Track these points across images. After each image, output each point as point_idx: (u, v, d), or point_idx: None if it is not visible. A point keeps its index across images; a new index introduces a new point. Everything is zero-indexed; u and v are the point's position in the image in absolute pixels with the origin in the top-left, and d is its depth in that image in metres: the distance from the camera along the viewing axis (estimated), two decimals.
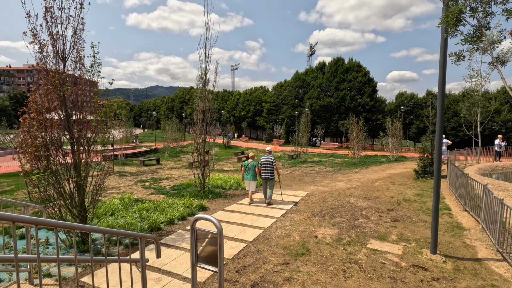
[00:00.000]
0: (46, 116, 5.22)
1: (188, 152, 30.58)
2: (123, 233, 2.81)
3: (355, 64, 42.94)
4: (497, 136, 16.54)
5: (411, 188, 10.11)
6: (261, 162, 8.53)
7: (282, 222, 6.77)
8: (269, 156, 8.54)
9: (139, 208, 7.92)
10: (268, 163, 8.42)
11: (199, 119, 10.24)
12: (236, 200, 9.25)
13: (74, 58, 5.48)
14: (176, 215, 7.15)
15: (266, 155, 8.69)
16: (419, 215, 7.10)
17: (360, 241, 5.55)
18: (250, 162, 8.65)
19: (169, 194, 10.70)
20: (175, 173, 17.66)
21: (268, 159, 8.46)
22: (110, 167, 6.08)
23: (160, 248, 3.14)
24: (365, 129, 19.94)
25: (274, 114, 51.39)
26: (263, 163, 8.47)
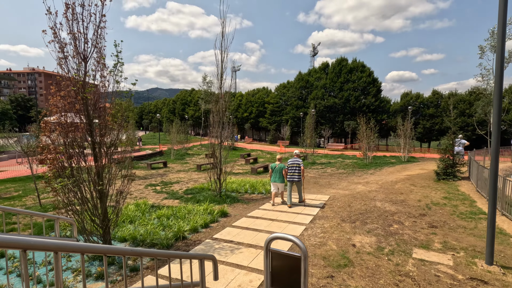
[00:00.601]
0: (67, 119, 4.88)
1: (193, 154, 30.25)
2: (176, 255, 2.46)
3: (359, 64, 42.67)
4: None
5: (435, 190, 9.75)
6: (288, 164, 8.48)
7: (312, 229, 6.41)
8: (297, 159, 8.50)
9: (158, 215, 7.56)
10: (296, 165, 8.37)
11: (215, 121, 9.88)
12: (256, 205, 8.89)
13: (96, 58, 5.14)
14: (200, 222, 6.79)
15: (294, 158, 8.63)
16: (455, 221, 6.74)
17: (403, 250, 5.19)
18: (278, 164, 8.59)
19: (183, 199, 10.35)
20: (184, 176, 17.31)
21: (296, 162, 8.42)
22: (133, 172, 5.74)
23: (217, 268, 2.78)
24: (376, 130, 19.59)
25: (277, 115, 51.06)
26: (290, 166, 8.42)
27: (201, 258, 2.57)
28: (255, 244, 5.52)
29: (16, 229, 7.01)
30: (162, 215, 7.57)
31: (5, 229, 3.27)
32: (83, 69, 5.07)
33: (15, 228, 7.24)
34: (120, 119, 5.47)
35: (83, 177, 5.02)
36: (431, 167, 15.23)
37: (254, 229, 6.38)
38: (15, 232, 6.69)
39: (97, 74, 5.09)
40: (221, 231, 6.31)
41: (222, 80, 9.70)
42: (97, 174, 5.07)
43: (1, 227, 6.86)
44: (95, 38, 5.09)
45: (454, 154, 11.44)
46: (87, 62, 5.07)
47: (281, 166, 8.51)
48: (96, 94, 5.13)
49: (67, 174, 4.66)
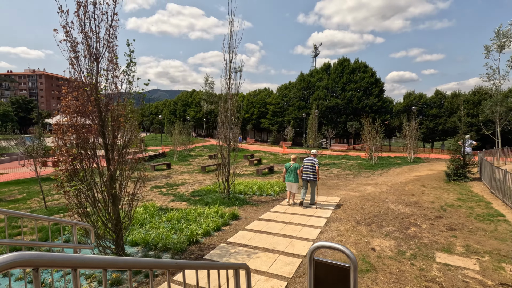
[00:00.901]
0: (79, 121, 4.74)
1: (196, 155, 30.11)
2: (210, 265, 2.31)
3: (361, 65, 42.55)
4: None
5: (447, 192, 9.59)
6: (304, 163, 8.59)
7: (328, 232, 6.26)
8: (312, 158, 8.58)
9: (168, 218, 7.41)
10: (311, 165, 8.46)
11: (224, 122, 9.74)
12: (266, 207, 8.73)
13: (108, 57, 5.01)
14: (212, 226, 6.63)
15: (310, 157, 8.70)
16: (474, 223, 6.58)
17: (425, 254, 5.04)
18: (292, 164, 8.68)
19: (191, 201, 10.19)
20: (188, 178, 17.16)
21: (311, 161, 8.50)
22: (146, 174, 5.59)
23: (251, 279, 2.62)
24: (382, 130, 19.44)
25: (279, 116, 50.95)
26: (306, 164, 8.52)
27: (236, 268, 2.41)
28: (271, 248, 5.37)
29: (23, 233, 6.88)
30: (172, 218, 7.43)
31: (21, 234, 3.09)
32: (95, 69, 4.93)
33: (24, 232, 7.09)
34: (133, 120, 5.34)
35: (95, 180, 4.88)
36: (439, 168, 15.07)
37: (268, 233, 6.23)
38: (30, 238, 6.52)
39: (110, 74, 4.95)
40: (234, 235, 6.16)
41: (230, 81, 9.56)
42: (110, 177, 4.92)
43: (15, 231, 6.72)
44: (107, 37, 4.96)
45: (465, 154, 11.28)
46: (99, 62, 4.93)
47: (296, 165, 8.58)
48: (108, 94, 5.00)
49: (80, 177, 4.52)
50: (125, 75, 5.04)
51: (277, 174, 17.41)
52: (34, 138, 14.43)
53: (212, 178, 16.57)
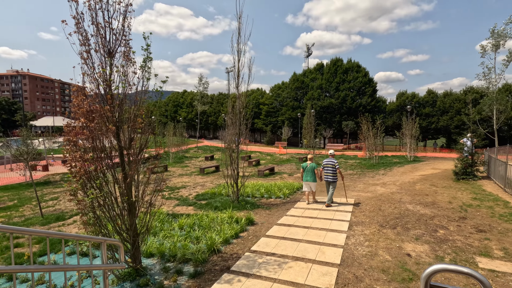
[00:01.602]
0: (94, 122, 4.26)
1: (191, 157, 29.48)
2: None
3: (354, 65, 42.81)
4: None
5: (461, 191, 9.47)
6: (323, 164, 8.66)
7: (354, 237, 5.95)
8: (332, 159, 8.60)
9: (179, 225, 6.96)
10: (330, 166, 8.49)
11: (233, 122, 9.33)
12: (279, 210, 8.38)
13: (123, 51, 4.54)
14: (230, 233, 6.22)
15: (329, 158, 8.70)
16: (500, 224, 6.41)
17: (465, 259, 4.79)
18: (309, 164, 8.71)
19: (197, 205, 9.74)
20: (188, 180, 16.64)
21: (330, 162, 8.54)
22: (163, 180, 5.15)
23: None
24: (382, 129, 19.41)
25: (273, 116, 50.71)
26: (325, 166, 8.58)
27: None
28: (301, 257, 5.01)
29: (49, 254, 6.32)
30: (184, 225, 6.98)
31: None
32: (109, 64, 4.46)
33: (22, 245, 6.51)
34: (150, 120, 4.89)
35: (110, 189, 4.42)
36: (443, 167, 15.09)
37: (292, 239, 5.87)
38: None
39: (126, 69, 4.49)
40: (257, 242, 5.77)
41: (239, 79, 9.16)
42: (126, 184, 4.47)
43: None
44: (121, 29, 4.50)
45: (473, 153, 11.23)
46: (113, 56, 4.47)
47: (313, 165, 8.63)
48: (123, 93, 4.54)
49: (98, 185, 4.04)
50: (143, 71, 4.58)
51: (279, 175, 17.09)
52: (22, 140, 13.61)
53: (213, 180, 16.10)
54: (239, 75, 9.14)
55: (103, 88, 4.31)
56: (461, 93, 35.36)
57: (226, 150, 9.74)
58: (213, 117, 63.92)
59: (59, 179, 17.49)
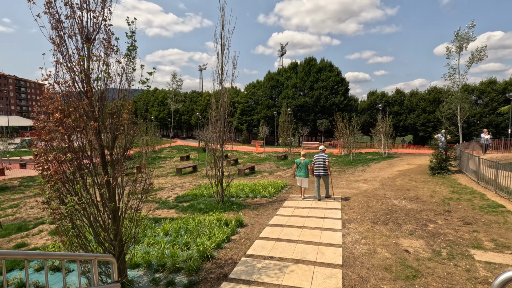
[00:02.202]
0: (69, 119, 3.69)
1: (165, 157, 28.37)
2: None
3: (327, 64, 43.79)
4: (483, 130, 17.42)
5: (439, 185, 9.85)
6: (315, 159, 8.86)
7: (350, 235, 5.85)
8: (322, 155, 8.86)
9: (164, 230, 6.44)
10: (321, 161, 8.73)
11: (218, 119, 8.91)
12: (268, 210, 8.13)
13: (104, 38, 4.00)
14: (221, 236, 5.84)
15: (320, 153, 8.95)
16: (482, 216, 6.67)
17: (460, 253, 4.85)
18: (303, 160, 8.92)
19: (179, 208, 9.21)
20: (165, 181, 15.89)
21: (321, 157, 8.78)
22: (150, 183, 4.66)
23: None
24: (359, 127, 19.92)
25: (248, 115, 50.46)
26: (316, 161, 8.78)
27: None
28: (301, 259, 4.78)
29: None
30: (170, 230, 6.48)
31: None
32: (87, 52, 3.90)
33: None
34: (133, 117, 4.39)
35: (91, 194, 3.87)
36: (417, 162, 15.76)
37: (288, 240, 5.63)
38: None
39: (107, 58, 3.95)
40: (252, 246, 5.46)
41: (223, 74, 8.75)
42: (112, 189, 3.94)
43: None
44: (101, 11, 3.95)
45: (447, 148, 11.78)
46: (92, 43, 3.90)
47: (306, 161, 8.87)
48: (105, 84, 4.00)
49: (77, 190, 3.49)
50: (128, 60, 4.06)
51: (259, 174, 16.88)
52: None
53: (192, 181, 15.49)
54: (223, 70, 8.73)
55: (80, 79, 3.75)
56: (425, 92, 37.55)
57: (210, 150, 9.28)
58: (186, 115, 62.32)
59: (18, 184, 15.87)
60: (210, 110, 9.23)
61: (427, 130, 35.61)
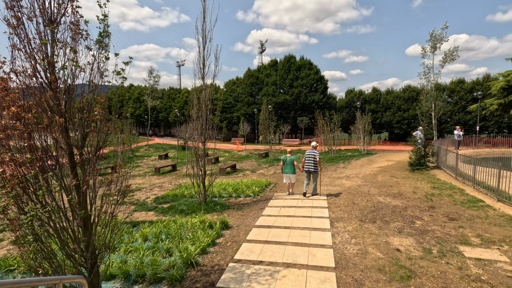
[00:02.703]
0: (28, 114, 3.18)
1: (142, 156, 27.27)
2: None
3: (306, 62, 44.11)
4: (455, 127, 18.17)
5: (419, 181, 10.04)
6: (306, 155, 8.85)
7: (339, 235, 5.70)
8: (313, 151, 8.80)
9: (143, 235, 5.97)
10: (312, 157, 8.69)
11: (199, 116, 8.47)
12: (253, 211, 7.84)
13: (70, 22, 3.49)
14: (205, 240, 5.48)
15: (311, 149, 8.89)
16: (465, 211, 6.79)
17: (450, 250, 4.83)
18: (289, 156, 9.00)
19: (158, 210, 8.70)
20: (142, 182, 15.13)
21: (312, 153, 8.73)
22: (127, 185, 4.20)
23: None
24: (339, 124, 20.13)
25: (228, 112, 49.83)
26: (307, 156, 8.75)
27: None
28: (292, 263, 4.54)
29: None
30: (149, 235, 6.01)
31: None
32: (50, 36, 3.38)
33: None
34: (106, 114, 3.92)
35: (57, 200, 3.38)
36: (395, 158, 16.12)
37: (277, 242, 5.37)
38: None
39: (75, 45, 3.45)
40: (239, 250, 5.14)
41: (204, 68, 8.32)
42: (82, 194, 3.47)
43: None
44: None
45: (425, 144, 12.07)
46: (57, 26, 3.39)
47: (292, 158, 8.93)
48: (72, 74, 3.50)
49: (40, 197, 3.00)
50: (100, 48, 3.58)
51: (241, 172, 16.55)
52: None
53: (172, 181, 14.88)
54: (204, 64, 8.29)
55: (42, 67, 3.24)
56: (400, 91, 38.87)
57: (191, 148, 8.82)
58: (164, 113, 60.57)
59: None
60: (190, 106, 8.78)
61: (402, 127, 36.92)
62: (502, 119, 31.65)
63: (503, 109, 25.04)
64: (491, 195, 7.74)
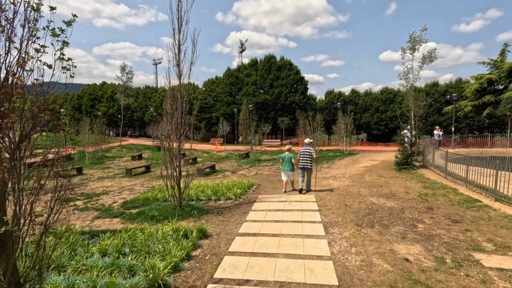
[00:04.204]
0: None
1: (114, 156, 25.45)
2: None
3: (286, 63, 43.85)
4: (435, 127, 18.29)
5: (409, 181, 9.60)
6: (301, 152, 8.68)
7: (336, 242, 4.94)
8: (308, 147, 8.69)
9: (102, 249, 4.87)
10: (308, 153, 8.58)
11: (173, 109, 7.45)
12: (236, 215, 6.94)
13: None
14: (178, 254, 4.50)
15: (305, 146, 8.77)
16: (465, 212, 6.30)
17: (465, 259, 4.20)
18: (287, 154, 8.92)
19: (126, 216, 7.57)
20: (111, 184, 13.71)
21: (308, 150, 8.61)
22: (73, 191, 3.18)
23: None
24: (322, 124, 19.68)
25: (207, 112, 48.45)
26: (302, 153, 8.61)
27: None
28: (287, 281, 3.69)
29: None
30: (109, 248, 4.93)
31: None
32: None
33: None
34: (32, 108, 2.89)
35: None
36: (379, 158, 15.84)
37: (265, 254, 4.50)
38: None
39: None
40: (221, 265, 4.22)
41: (180, 54, 7.30)
42: None
43: None
44: None
45: (412, 143, 11.76)
46: None
47: (290, 155, 8.83)
48: None
49: None
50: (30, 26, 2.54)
51: (221, 173, 15.55)
52: None
53: (144, 183, 13.59)
54: (180, 49, 7.28)
55: None
56: (378, 92, 39.54)
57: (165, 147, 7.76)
58: (139, 112, 58.00)
59: None
60: (165, 98, 7.71)
61: (380, 128, 37.49)
62: (472, 121, 32.97)
63: (476, 110, 25.91)
64: (486, 194, 7.37)
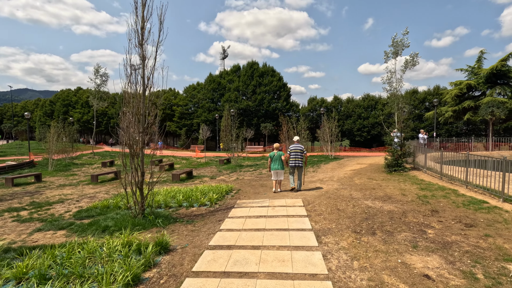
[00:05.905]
0: None
1: (83, 164, 23.41)
2: None
3: (269, 69, 43.43)
4: (420, 130, 17.97)
5: (402, 183, 8.80)
6: (291, 150, 8.37)
7: (333, 255, 3.88)
8: (298, 145, 8.41)
9: (17, 275, 3.54)
10: (299, 151, 8.30)
11: (133, 96, 6.23)
12: (209, 224, 5.75)
13: None
14: (121, 279, 3.26)
15: (295, 144, 8.50)
16: (474, 213, 5.46)
17: (500, 273, 3.26)
18: (276, 152, 8.59)
19: (74, 228, 6.20)
20: (71, 192, 12.06)
21: (299, 147, 8.33)
22: None
23: None
24: (306, 127, 18.92)
25: (188, 118, 46.92)
26: (293, 151, 8.31)
27: None
28: None
29: None
30: (29, 272, 3.60)
31: None
32: None
33: None
34: None
35: None
36: (367, 162, 15.16)
37: (242, 274, 3.36)
38: None
39: None
40: None
41: (144, 32, 6.15)
42: None
43: None
44: None
45: (402, 144, 11.10)
46: None
47: (280, 153, 8.55)
48: None
49: None
50: None
51: (198, 179, 14.24)
52: None
53: (110, 190, 12.05)
54: (143, 26, 6.13)
55: None
56: (360, 99, 39.74)
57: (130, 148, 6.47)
58: (116, 119, 55.34)
59: None
60: (123, 90, 6.47)
61: (362, 135, 37.44)
62: (451, 127, 33.57)
63: (456, 115, 26.20)
64: (490, 195, 6.63)
